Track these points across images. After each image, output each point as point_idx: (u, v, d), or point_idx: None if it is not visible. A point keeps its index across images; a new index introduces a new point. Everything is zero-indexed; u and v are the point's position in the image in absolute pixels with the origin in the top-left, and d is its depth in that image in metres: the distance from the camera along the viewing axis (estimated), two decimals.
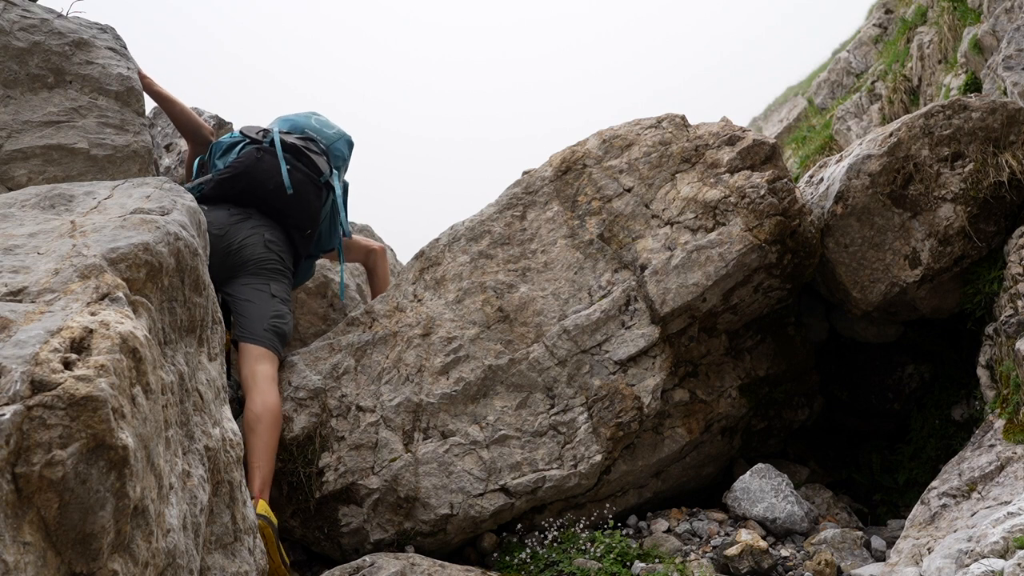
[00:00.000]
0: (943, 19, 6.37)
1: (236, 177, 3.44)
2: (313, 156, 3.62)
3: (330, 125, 3.91)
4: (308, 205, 3.55)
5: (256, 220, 3.44)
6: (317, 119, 3.89)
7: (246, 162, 3.46)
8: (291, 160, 3.52)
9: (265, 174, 3.45)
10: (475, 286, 3.41)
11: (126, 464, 1.47)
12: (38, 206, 2.09)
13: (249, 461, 2.87)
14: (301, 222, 3.55)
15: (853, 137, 7.41)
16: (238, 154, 3.53)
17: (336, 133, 3.90)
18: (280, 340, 3.32)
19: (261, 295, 3.35)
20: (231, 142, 3.64)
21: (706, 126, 3.60)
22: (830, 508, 3.32)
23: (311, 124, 3.83)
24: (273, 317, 3.31)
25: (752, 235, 3.23)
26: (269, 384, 3.12)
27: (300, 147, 3.59)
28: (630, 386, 3.16)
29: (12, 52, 3.23)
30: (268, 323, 3.29)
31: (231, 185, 3.44)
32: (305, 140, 3.68)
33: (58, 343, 1.48)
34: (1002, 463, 2.60)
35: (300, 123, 3.80)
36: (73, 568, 1.40)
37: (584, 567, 2.79)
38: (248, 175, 3.44)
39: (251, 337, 3.23)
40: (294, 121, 3.80)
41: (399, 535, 3.05)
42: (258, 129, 3.67)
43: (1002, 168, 3.18)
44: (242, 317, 3.28)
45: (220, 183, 3.45)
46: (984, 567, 1.95)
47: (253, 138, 3.59)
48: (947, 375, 3.58)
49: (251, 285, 3.35)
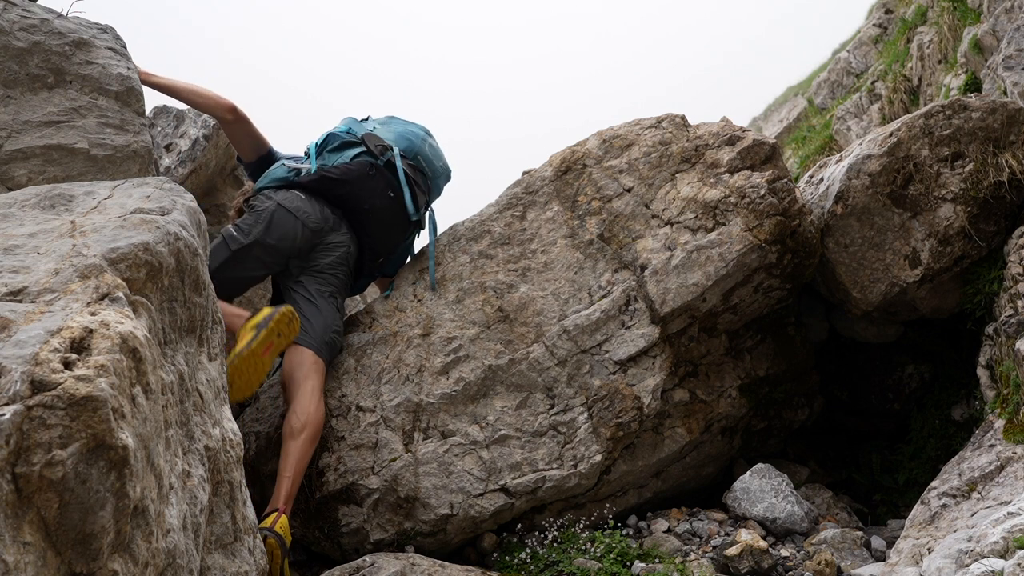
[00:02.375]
0: (943, 19, 6.37)
1: (340, 183, 3.40)
2: (417, 192, 3.56)
3: (439, 156, 3.80)
4: (396, 236, 3.54)
5: (347, 229, 3.43)
6: (431, 146, 3.75)
7: (357, 173, 3.42)
8: (396, 186, 3.46)
9: (369, 192, 3.41)
10: (475, 286, 3.41)
11: (126, 464, 1.47)
12: (38, 206, 2.09)
13: (280, 468, 2.89)
14: (379, 248, 3.53)
15: (853, 137, 7.41)
16: (351, 160, 3.46)
17: (442, 167, 3.80)
18: (333, 354, 3.31)
19: (330, 305, 3.34)
20: (346, 141, 3.54)
21: (706, 126, 3.60)
22: (830, 508, 3.32)
23: (425, 152, 3.69)
24: (335, 331, 3.31)
25: (752, 235, 3.23)
26: (319, 396, 3.11)
27: (411, 176, 3.53)
28: (630, 386, 3.16)
29: (12, 52, 3.23)
30: (330, 335, 3.28)
31: (331, 187, 3.40)
32: (415, 171, 3.60)
33: (58, 343, 1.48)
34: (1002, 463, 2.60)
35: (416, 147, 3.66)
36: (73, 568, 1.40)
37: (584, 567, 2.79)
38: (353, 186, 3.40)
39: (312, 343, 3.20)
40: (411, 142, 3.66)
41: (399, 535, 3.05)
42: (380, 143, 3.55)
43: (1002, 168, 3.18)
44: (307, 320, 3.25)
45: (322, 180, 3.40)
46: (984, 567, 1.95)
47: (371, 150, 3.49)
48: (947, 375, 3.58)
49: (325, 292, 3.35)
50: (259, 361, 2.91)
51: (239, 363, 2.84)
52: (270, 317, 2.96)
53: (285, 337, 3.02)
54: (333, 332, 3.30)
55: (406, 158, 3.58)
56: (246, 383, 2.89)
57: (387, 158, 3.49)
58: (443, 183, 3.83)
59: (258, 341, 2.89)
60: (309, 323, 3.23)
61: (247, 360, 2.87)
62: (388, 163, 3.49)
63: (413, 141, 3.66)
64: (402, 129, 3.71)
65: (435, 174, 3.73)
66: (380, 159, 3.47)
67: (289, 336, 3.04)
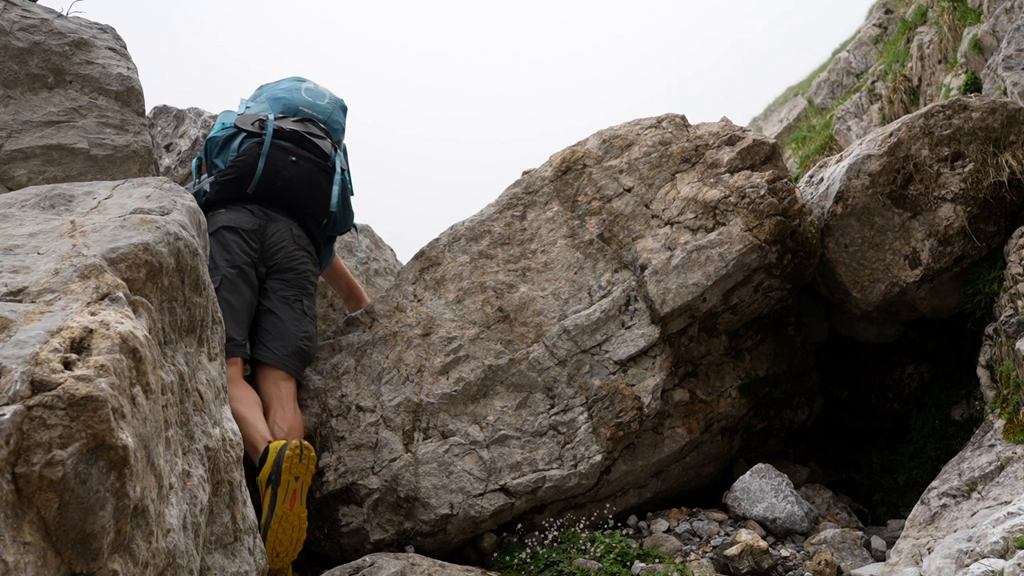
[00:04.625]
0: (943, 19, 6.37)
1: (241, 177, 3.25)
2: (317, 141, 3.41)
3: (321, 94, 3.64)
4: (321, 193, 3.38)
5: (280, 213, 3.29)
6: (308, 90, 3.60)
7: (248, 158, 3.26)
8: (294, 150, 3.32)
9: (272, 169, 3.26)
10: (475, 286, 3.41)
11: (126, 464, 1.47)
12: (38, 206, 2.09)
13: None
14: (316, 212, 3.39)
15: (853, 137, 7.41)
16: (239, 151, 3.31)
17: (330, 103, 3.63)
18: (304, 364, 3.22)
19: (294, 311, 3.20)
20: (226, 136, 3.39)
21: (706, 126, 3.60)
22: (830, 508, 3.32)
23: (304, 100, 3.55)
24: (303, 337, 3.19)
25: (752, 235, 3.23)
26: (293, 403, 3.06)
27: (302, 133, 3.37)
28: (630, 386, 3.16)
29: (12, 52, 3.23)
30: (298, 343, 3.17)
31: (236, 186, 3.24)
32: (303, 123, 3.44)
33: (58, 343, 1.48)
34: (1002, 463, 2.60)
35: (293, 101, 3.52)
36: (73, 568, 1.40)
37: (584, 567, 2.79)
38: (253, 173, 3.23)
39: (276, 360, 3.09)
40: (285, 100, 3.53)
41: (399, 535, 3.05)
42: (253, 119, 3.40)
43: (1002, 168, 3.18)
44: (266, 333, 3.13)
45: (225, 185, 3.25)
46: (984, 567, 1.95)
47: (250, 131, 3.34)
48: (947, 375, 3.58)
49: (288, 297, 3.21)
50: (292, 517, 2.65)
51: (274, 532, 2.61)
52: (279, 465, 2.64)
53: (304, 477, 2.69)
54: (300, 339, 3.19)
55: (287, 116, 3.45)
56: (291, 543, 2.65)
57: (268, 130, 3.33)
58: (340, 116, 3.67)
59: (280, 502, 2.63)
60: (268, 335, 3.14)
61: (281, 524, 2.63)
62: (276, 132, 3.34)
63: (286, 97, 3.54)
64: (272, 92, 3.59)
65: (325, 112, 3.58)
66: (264, 133, 3.32)
67: (307, 473, 2.70)
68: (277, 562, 2.62)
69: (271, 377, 3.09)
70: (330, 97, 3.67)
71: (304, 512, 2.71)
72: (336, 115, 3.64)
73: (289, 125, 3.40)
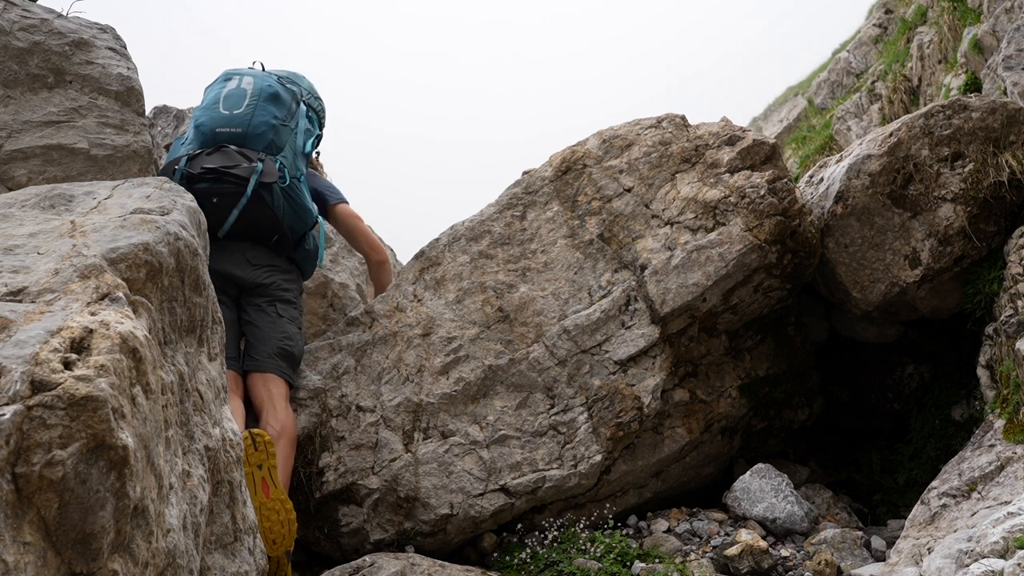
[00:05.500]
0: (943, 19, 6.38)
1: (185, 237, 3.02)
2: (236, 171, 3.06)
3: (240, 97, 3.22)
4: (257, 217, 3.12)
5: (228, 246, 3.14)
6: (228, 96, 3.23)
7: None
8: (212, 190, 3.02)
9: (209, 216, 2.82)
10: (475, 286, 3.41)
11: (126, 464, 1.47)
12: (38, 206, 2.09)
13: None
14: (261, 234, 3.20)
15: (853, 137, 7.41)
16: None
17: (250, 104, 3.21)
18: (289, 363, 3.21)
19: (268, 316, 3.21)
20: None
21: (706, 126, 3.60)
22: (830, 508, 3.32)
23: (220, 117, 3.18)
24: (283, 338, 3.19)
25: (752, 235, 3.23)
26: (285, 403, 3.07)
27: (217, 169, 3.04)
28: (630, 386, 3.16)
29: (12, 52, 3.23)
30: (276, 347, 3.17)
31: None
32: (219, 152, 3.10)
33: (58, 343, 1.48)
34: (1002, 463, 2.60)
35: (210, 124, 3.17)
36: (73, 568, 1.40)
37: (584, 567, 2.79)
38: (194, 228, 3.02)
39: (258, 366, 3.12)
40: (204, 127, 3.17)
41: (399, 535, 3.05)
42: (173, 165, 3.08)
43: (1002, 168, 3.18)
44: (248, 344, 3.17)
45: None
46: (984, 567, 1.95)
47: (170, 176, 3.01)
48: (947, 375, 3.58)
49: (260, 304, 3.23)
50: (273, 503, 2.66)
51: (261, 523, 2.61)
52: None
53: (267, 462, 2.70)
54: (280, 340, 3.18)
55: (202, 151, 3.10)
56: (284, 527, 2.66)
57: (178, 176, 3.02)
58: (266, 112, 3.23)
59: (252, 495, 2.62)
60: (249, 344, 3.17)
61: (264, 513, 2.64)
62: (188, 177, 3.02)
63: (205, 123, 3.17)
64: (196, 114, 3.26)
65: (243, 122, 3.17)
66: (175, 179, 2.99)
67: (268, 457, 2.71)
68: (276, 549, 2.65)
69: (259, 381, 3.12)
70: (252, 92, 3.25)
71: (283, 494, 2.73)
72: (259, 116, 3.21)
73: (201, 165, 3.07)
